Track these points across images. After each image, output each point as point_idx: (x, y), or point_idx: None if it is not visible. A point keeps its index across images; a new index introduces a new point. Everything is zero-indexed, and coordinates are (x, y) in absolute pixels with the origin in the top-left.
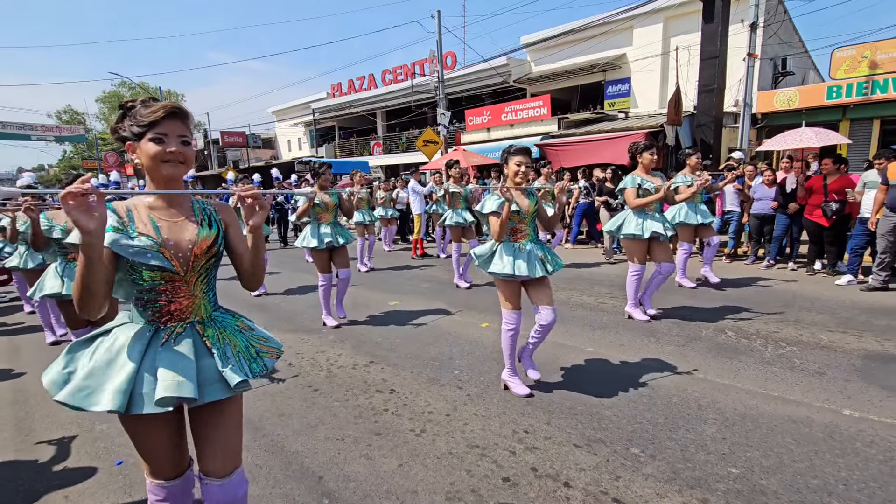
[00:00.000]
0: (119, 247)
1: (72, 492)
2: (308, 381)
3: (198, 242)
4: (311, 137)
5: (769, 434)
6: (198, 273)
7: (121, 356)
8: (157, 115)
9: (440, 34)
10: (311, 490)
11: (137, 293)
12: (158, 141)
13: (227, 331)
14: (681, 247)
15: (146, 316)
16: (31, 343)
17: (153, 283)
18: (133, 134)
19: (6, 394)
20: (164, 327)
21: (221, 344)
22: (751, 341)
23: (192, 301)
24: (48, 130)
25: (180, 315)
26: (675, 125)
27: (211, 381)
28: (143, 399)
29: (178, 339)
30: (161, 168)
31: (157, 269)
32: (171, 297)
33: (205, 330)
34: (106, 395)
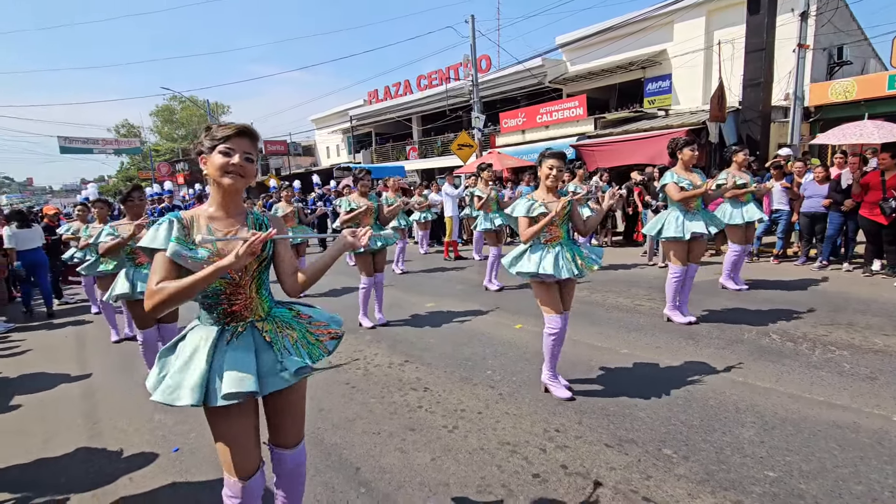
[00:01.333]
0: (179, 258)
1: (135, 475)
2: (346, 378)
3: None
4: (349, 144)
5: (811, 439)
6: (251, 277)
7: (194, 357)
8: (227, 132)
9: (474, 38)
10: (348, 480)
11: (202, 297)
12: (225, 153)
13: (283, 323)
14: (731, 248)
15: (211, 318)
16: (96, 341)
17: (214, 289)
18: (207, 147)
19: (76, 387)
20: (228, 327)
21: (280, 337)
22: (797, 345)
23: (249, 302)
24: (108, 144)
25: (240, 315)
26: (718, 122)
27: (272, 373)
28: (216, 394)
29: (239, 337)
30: (223, 178)
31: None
32: (230, 300)
33: (263, 326)
34: (185, 392)
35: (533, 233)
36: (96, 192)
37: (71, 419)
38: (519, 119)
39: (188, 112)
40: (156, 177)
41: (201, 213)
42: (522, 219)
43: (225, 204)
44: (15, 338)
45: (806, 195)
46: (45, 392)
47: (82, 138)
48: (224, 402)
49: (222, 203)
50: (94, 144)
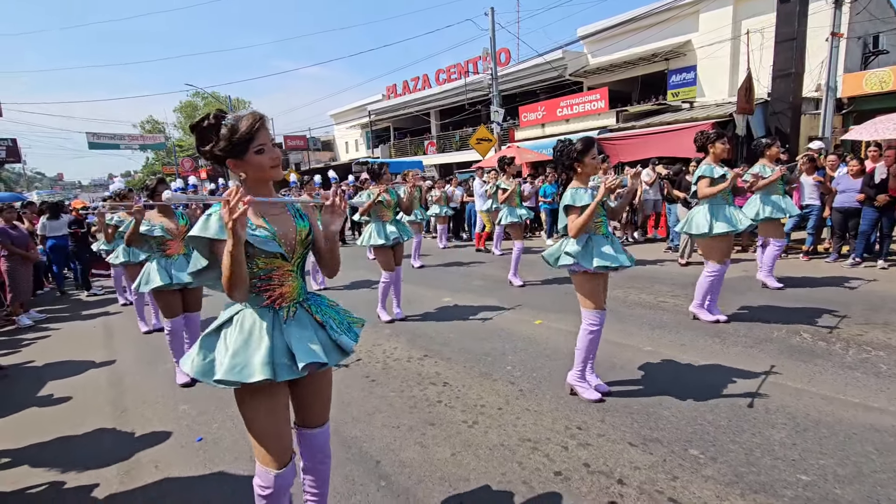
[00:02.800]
0: (250, 236)
1: (160, 462)
2: (366, 371)
3: (299, 232)
4: (368, 139)
5: (846, 442)
6: (299, 258)
7: (254, 335)
8: (253, 128)
9: (493, 31)
10: (369, 472)
11: (251, 281)
12: (262, 152)
13: (323, 307)
14: (772, 243)
15: (261, 301)
16: (124, 332)
17: (267, 270)
18: (234, 153)
19: (104, 376)
20: (281, 308)
21: (327, 317)
22: (830, 344)
23: (296, 283)
24: (134, 139)
25: (290, 296)
26: (745, 114)
27: (330, 349)
28: (284, 368)
29: (296, 315)
30: (270, 172)
31: (274, 255)
32: (281, 280)
33: (310, 307)
34: (256, 368)
35: (584, 221)
36: (122, 184)
37: (98, 407)
38: (538, 113)
39: (211, 108)
40: (180, 172)
41: None
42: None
43: (264, 192)
44: (45, 328)
45: (839, 189)
46: (74, 379)
47: (109, 134)
48: (299, 374)
49: (261, 191)
50: (120, 140)
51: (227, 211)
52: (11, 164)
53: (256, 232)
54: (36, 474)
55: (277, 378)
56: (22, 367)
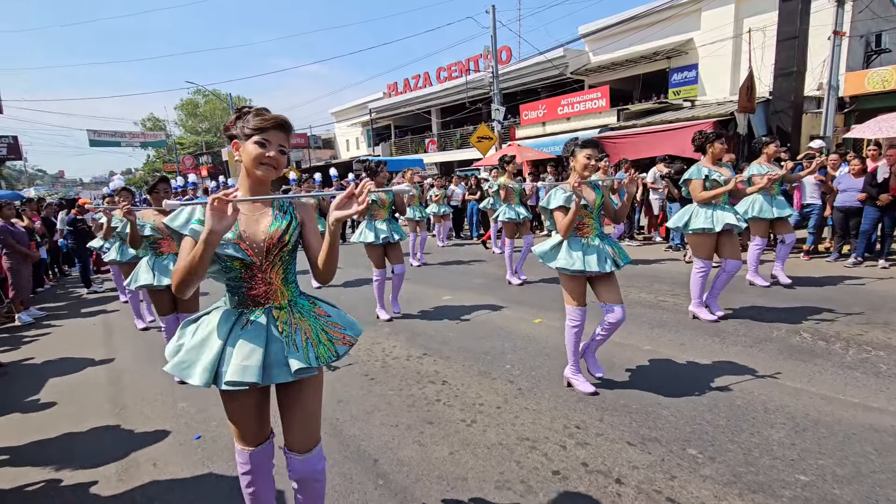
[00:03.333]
0: (196, 235)
1: (159, 459)
2: (364, 370)
3: (270, 234)
4: (369, 137)
5: (846, 442)
6: (272, 262)
7: (211, 336)
8: (266, 124)
9: (495, 29)
10: (367, 471)
11: (227, 280)
12: (261, 144)
13: (302, 316)
14: (752, 242)
15: (233, 301)
16: (123, 329)
17: (236, 272)
18: (242, 135)
19: (102, 373)
20: (246, 311)
21: (292, 330)
22: (829, 344)
23: (269, 288)
24: (134, 137)
25: (260, 300)
26: (747, 112)
27: (279, 364)
28: (223, 378)
29: (254, 323)
30: (257, 168)
31: (236, 258)
32: (250, 284)
33: (280, 315)
34: (197, 372)
35: (569, 223)
36: (121, 182)
37: (98, 404)
38: (539, 111)
39: (211, 106)
40: (180, 169)
41: None
42: (559, 211)
43: (255, 191)
44: (45, 325)
45: (840, 189)
46: (74, 377)
47: (110, 132)
48: (229, 388)
49: (252, 190)
50: (121, 138)
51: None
52: (13, 162)
53: None
54: (35, 472)
55: (219, 385)
56: (22, 365)
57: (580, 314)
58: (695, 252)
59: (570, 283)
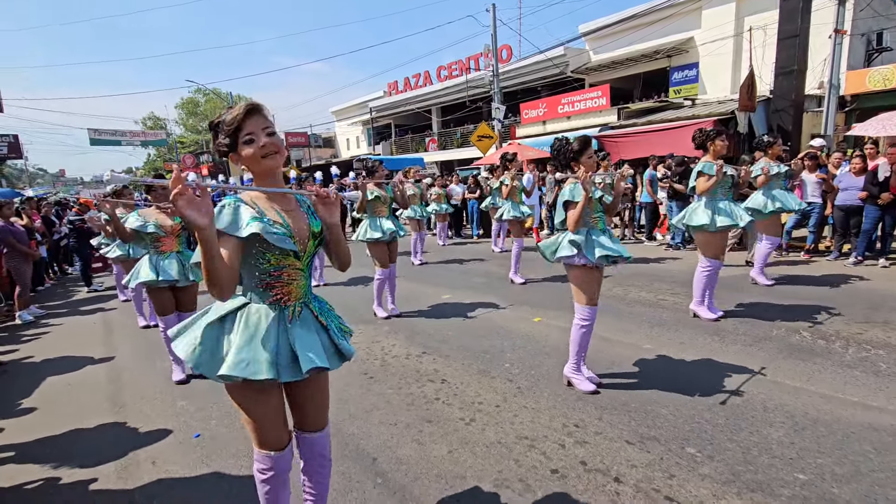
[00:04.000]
0: (267, 234)
1: (158, 458)
2: (364, 368)
3: (311, 231)
4: (369, 135)
5: (845, 441)
6: (308, 257)
7: (259, 332)
8: (239, 115)
9: (495, 28)
10: (365, 470)
11: (260, 276)
12: (250, 142)
13: (324, 309)
14: (766, 240)
15: (268, 296)
16: (123, 328)
17: (279, 267)
18: (228, 144)
19: (102, 371)
20: (286, 306)
21: (329, 321)
22: (829, 343)
23: (304, 282)
24: (135, 136)
25: (297, 295)
26: (747, 111)
27: (331, 353)
28: (287, 368)
29: (301, 315)
30: (262, 163)
31: (287, 252)
32: (290, 278)
33: (315, 309)
34: (263, 366)
35: (577, 215)
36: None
37: (97, 402)
38: (540, 110)
39: (212, 104)
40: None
41: (258, 196)
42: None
43: (270, 184)
44: (45, 324)
45: (841, 187)
46: (73, 375)
47: (111, 130)
48: (301, 376)
49: (267, 184)
50: (121, 136)
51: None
52: (13, 161)
53: (274, 228)
54: (34, 470)
55: (281, 379)
56: (21, 363)
57: (592, 313)
58: (703, 251)
59: (588, 278)
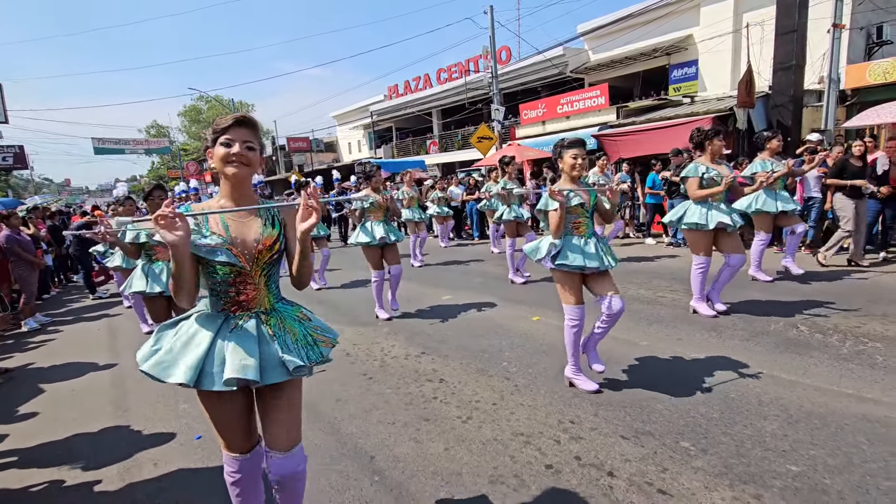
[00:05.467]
0: (194, 247)
1: (160, 459)
2: (363, 369)
3: (262, 240)
4: (370, 139)
5: (838, 433)
6: (261, 268)
7: (195, 338)
8: (226, 123)
9: (493, 30)
10: (363, 468)
11: (212, 285)
12: (226, 145)
13: (286, 320)
14: (757, 237)
15: (218, 305)
16: (126, 333)
17: (224, 277)
18: (210, 141)
19: (106, 376)
20: (233, 316)
21: (282, 332)
22: (826, 336)
23: (258, 293)
24: (139, 144)
25: (247, 305)
26: (746, 107)
27: (273, 366)
28: (212, 377)
29: (243, 327)
30: (226, 168)
31: (226, 264)
32: (239, 289)
33: (268, 319)
34: (180, 370)
35: (556, 224)
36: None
37: (101, 407)
38: (539, 110)
39: (214, 111)
40: (184, 175)
41: (213, 204)
42: (554, 213)
43: (234, 194)
44: (51, 330)
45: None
46: (78, 380)
47: (114, 139)
48: (225, 387)
49: (231, 194)
50: (125, 145)
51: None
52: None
53: (206, 240)
54: (39, 473)
55: (202, 385)
56: (27, 370)
57: (579, 312)
58: (692, 248)
59: (567, 281)
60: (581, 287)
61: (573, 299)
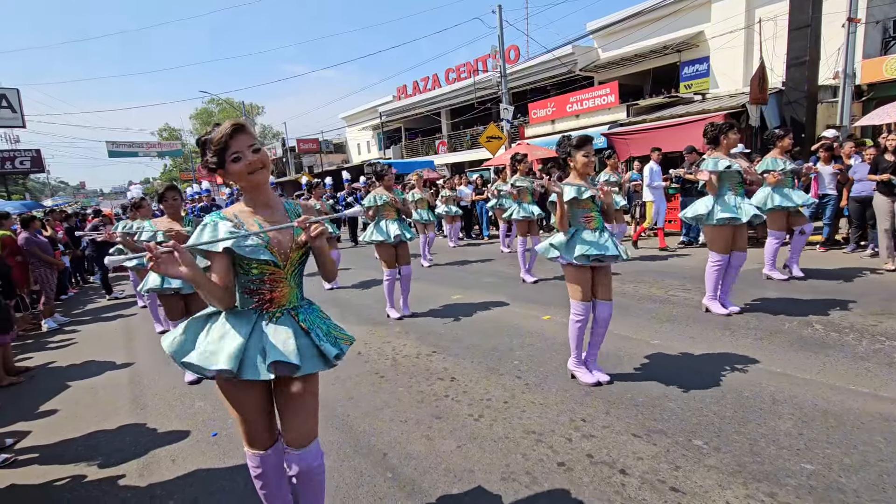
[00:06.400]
0: (238, 248)
1: (177, 456)
2: (375, 368)
3: (297, 240)
4: (379, 140)
5: (854, 431)
6: (293, 267)
7: (231, 331)
8: (225, 134)
9: (501, 29)
10: (376, 465)
11: (246, 283)
12: (237, 160)
13: (313, 316)
14: (770, 236)
15: (251, 303)
16: (142, 333)
17: (260, 275)
18: (216, 162)
19: (124, 375)
20: (267, 312)
21: (313, 326)
22: (842, 335)
23: (289, 291)
24: (151, 147)
25: (279, 302)
26: (759, 104)
27: (309, 356)
28: (255, 366)
29: (278, 321)
30: (250, 179)
31: (265, 263)
32: (272, 286)
33: (298, 314)
34: (222, 357)
35: (559, 217)
36: (139, 192)
37: (119, 405)
38: (548, 109)
39: (225, 114)
40: (197, 177)
41: (243, 209)
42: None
43: (261, 198)
44: (69, 330)
45: (856, 178)
46: (96, 379)
47: (128, 142)
48: (266, 375)
49: (258, 198)
50: (139, 148)
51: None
52: (36, 174)
53: (248, 241)
54: (61, 469)
55: (243, 374)
56: (48, 369)
57: (585, 309)
58: (711, 245)
59: (579, 276)
60: (590, 284)
61: (581, 295)
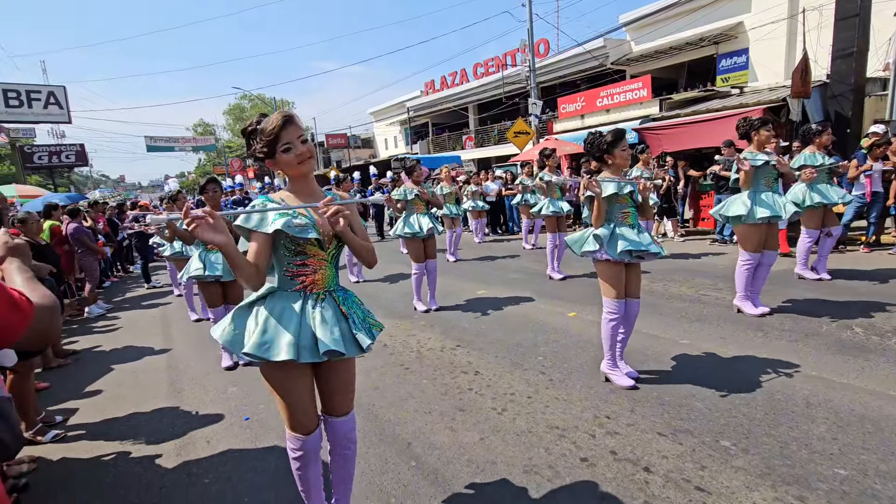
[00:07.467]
0: (288, 227)
1: (211, 437)
2: (400, 360)
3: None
4: (406, 135)
5: (892, 438)
6: (334, 249)
7: (283, 317)
8: (277, 124)
9: (531, 22)
10: (400, 453)
11: (287, 265)
12: (288, 150)
13: (349, 301)
14: (804, 233)
15: (293, 285)
16: (179, 320)
17: (304, 256)
18: (266, 153)
19: (162, 360)
20: (310, 294)
21: (352, 312)
22: (884, 339)
23: (329, 273)
24: (187, 142)
25: (321, 284)
26: (801, 97)
27: (349, 341)
28: (309, 350)
29: (323, 304)
30: (299, 168)
31: (312, 242)
32: (315, 268)
33: (338, 298)
34: (283, 348)
35: (596, 212)
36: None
37: (158, 388)
38: (578, 104)
39: (257, 109)
40: (229, 171)
41: (287, 195)
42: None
43: (306, 186)
44: (111, 317)
45: None
46: (136, 363)
47: (165, 137)
48: (321, 358)
49: (304, 187)
50: (175, 143)
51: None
52: (80, 168)
53: (297, 220)
54: (106, 445)
55: (300, 359)
56: (92, 352)
57: (619, 306)
58: (743, 244)
59: (613, 273)
60: (624, 281)
61: (615, 293)
